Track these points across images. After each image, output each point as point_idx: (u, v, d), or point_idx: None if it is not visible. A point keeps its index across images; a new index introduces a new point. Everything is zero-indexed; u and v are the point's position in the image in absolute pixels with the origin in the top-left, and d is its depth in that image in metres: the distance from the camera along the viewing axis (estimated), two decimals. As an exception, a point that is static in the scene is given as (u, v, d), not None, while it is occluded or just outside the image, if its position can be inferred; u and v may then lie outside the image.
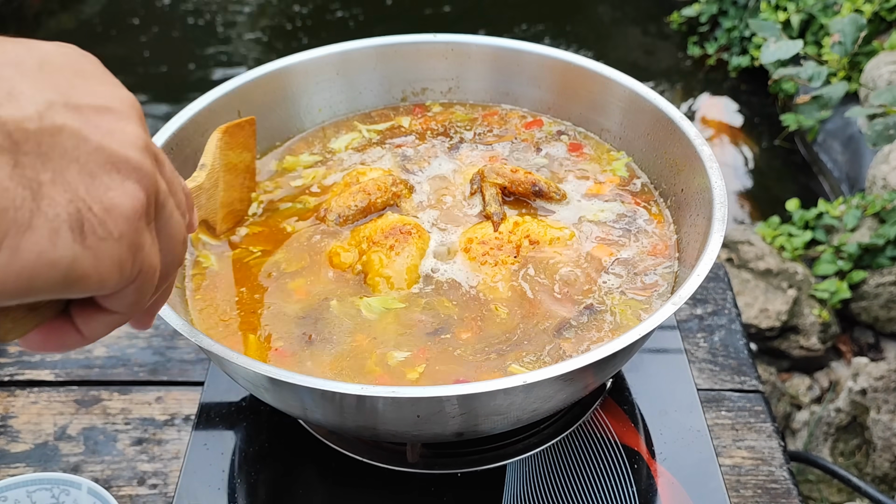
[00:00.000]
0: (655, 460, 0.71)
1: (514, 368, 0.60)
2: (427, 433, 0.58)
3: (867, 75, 2.12)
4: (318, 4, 3.39)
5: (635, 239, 0.70)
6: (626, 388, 0.77)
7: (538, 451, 0.71)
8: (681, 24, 3.19)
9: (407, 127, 0.84)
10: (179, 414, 0.82)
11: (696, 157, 0.69)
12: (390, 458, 0.69)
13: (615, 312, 0.64)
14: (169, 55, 3.12)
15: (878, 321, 1.78)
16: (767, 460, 0.77)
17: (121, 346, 0.89)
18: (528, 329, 0.63)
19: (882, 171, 1.89)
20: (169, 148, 0.72)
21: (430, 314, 0.64)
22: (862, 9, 2.34)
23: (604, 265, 0.68)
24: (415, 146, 0.82)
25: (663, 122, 0.74)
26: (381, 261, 0.66)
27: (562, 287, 0.66)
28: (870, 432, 1.44)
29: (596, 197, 0.75)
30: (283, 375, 0.52)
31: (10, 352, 0.88)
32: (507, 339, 0.62)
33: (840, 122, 2.34)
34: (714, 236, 0.61)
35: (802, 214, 1.99)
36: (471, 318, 0.64)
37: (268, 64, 0.80)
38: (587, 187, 0.76)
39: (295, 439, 0.73)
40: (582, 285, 0.66)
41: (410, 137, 0.83)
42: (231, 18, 3.37)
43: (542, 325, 0.63)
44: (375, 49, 0.83)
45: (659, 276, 0.67)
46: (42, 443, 0.80)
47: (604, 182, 0.76)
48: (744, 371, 0.85)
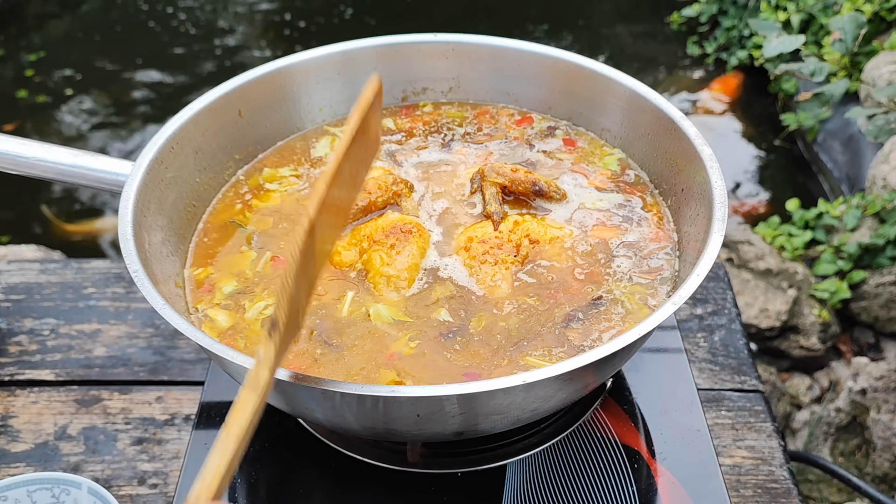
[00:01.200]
0: (655, 460, 0.71)
1: (530, 361, 0.60)
2: (427, 432, 0.58)
3: (867, 75, 2.12)
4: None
5: (637, 225, 0.71)
6: (626, 388, 0.77)
7: (538, 451, 0.71)
8: (681, 23, 3.19)
9: (394, 128, 0.84)
10: (180, 413, 0.82)
11: (696, 157, 0.69)
12: (390, 457, 0.69)
13: (621, 300, 0.64)
14: (167, 58, 3.11)
15: (878, 321, 1.78)
16: (767, 460, 0.77)
17: (121, 346, 0.89)
18: (533, 325, 0.63)
19: (882, 171, 1.89)
20: (170, 147, 0.72)
21: (433, 315, 0.64)
22: (862, 8, 2.34)
23: (608, 249, 0.68)
24: (411, 147, 0.82)
25: (663, 122, 0.74)
26: (382, 259, 0.66)
27: (563, 282, 0.66)
28: (870, 432, 1.43)
29: (592, 189, 0.75)
30: (282, 375, 0.52)
31: (11, 351, 0.88)
32: (513, 337, 0.62)
33: (840, 122, 2.33)
34: (714, 236, 0.61)
35: (802, 214, 1.99)
36: (473, 317, 0.64)
37: (268, 63, 0.80)
38: (582, 181, 0.76)
39: (295, 439, 0.73)
40: (584, 279, 0.66)
41: (398, 136, 0.83)
42: (232, 20, 3.37)
43: (547, 321, 0.63)
44: (376, 49, 0.83)
45: (662, 261, 0.67)
46: (42, 442, 0.80)
47: (598, 175, 0.77)
48: (744, 371, 0.85)
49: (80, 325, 0.91)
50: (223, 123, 0.77)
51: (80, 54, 3.12)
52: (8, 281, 0.97)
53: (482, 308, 0.65)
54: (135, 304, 0.93)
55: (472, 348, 0.61)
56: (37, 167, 0.70)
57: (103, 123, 2.77)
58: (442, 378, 0.59)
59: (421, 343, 0.62)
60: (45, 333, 0.90)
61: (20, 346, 0.89)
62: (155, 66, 3.04)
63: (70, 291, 0.95)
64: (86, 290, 0.95)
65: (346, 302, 0.65)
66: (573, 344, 0.62)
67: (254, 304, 0.66)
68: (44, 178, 0.70)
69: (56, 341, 0.90)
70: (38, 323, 0.92)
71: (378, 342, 0.62)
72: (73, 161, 0.70)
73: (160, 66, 3.04)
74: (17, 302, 0.94)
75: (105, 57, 3.09)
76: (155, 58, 3.09)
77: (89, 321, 0.92)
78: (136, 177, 0.68)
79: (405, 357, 0.61)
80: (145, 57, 3.09)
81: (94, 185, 0.70)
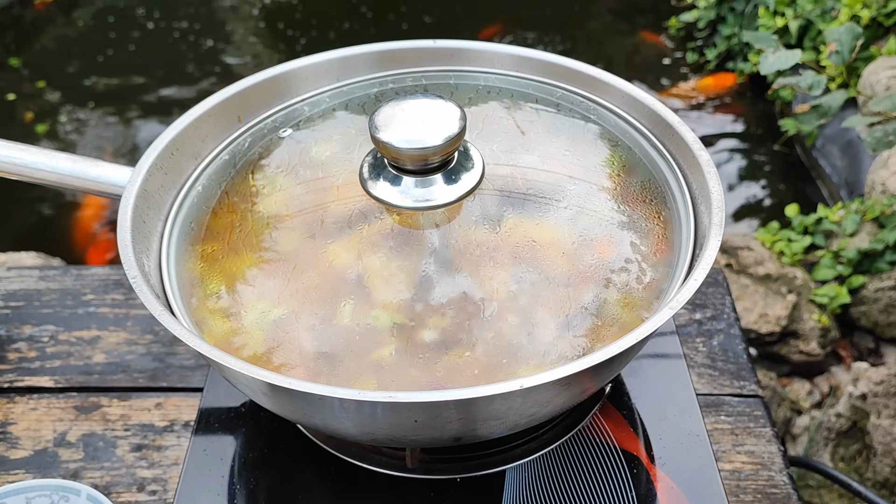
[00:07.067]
0: (655, 465, 0.71)
1: (524, 371, 0.60)
2: (425, 438, 0.58)
3: (865, 80, 2.12)
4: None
5: (636, 236, 0.70)
6: (625, 393, 0.78)
7: (537, 456, 0.71)
8: (679, 29, 3.20)
9: None
10: (179, 420, 0.82)
11: (694, 161, 0.69)
12: (389, 463, 0.69)
13: (617, 311, 0.64)
14: (168, 65, 3.13)
15: (877, 326, 1.78)
16: (767, 465, 0.77)
17: (120, 353, 0.89)
18: (531, 330, 0.63)
19: (881, 177, 1.89)
20: (169, 153, 0.72)
21: (432, 321, 0.64)
22: (860, 14, 2.35)
23: (604, 263, 0.68)
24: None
25: (661, 127, 0.74)
26: (379, 261, 0.66)
27: (560, 288, 0.66)
28: (870, 437, 1.43)
29: (591, 193, 0.75)
30: (281, 381, 0.53)
31: (10, 358, 0.88)
32: (511, 343, 0.62)
33: (838, 128, 2.34)
34: (712, 240, 0.61)
35: (801, 219, 1.99)
36: (472, 321, 0.64)
37: (267, 70, 0.80)
38: (584, 186, 0.76)
39: (294, 445, 0.73)
40: (581, 285, 0.66)
41: None
42: (236, 26, 3.38)
43: (545, 325, 0.63)
44: (375, 55, 0.84)
45: (659, 276, 0.67)
46: (41, 449, 0.80)
47: (601, 180, 0.76)
48: (743, 376, 0.85)
49: (80, 331, 0.91)
50: (222, 129, 0.77)
51: (76, 63, 3.13)
52: (7, 288, 0.97)
53: (483, 311, 0.64)
54: (134, 310, 0.94)
55: (473, 355, 0.61)
56: (36, 172, 0.70)
57: (100, 130, 2.78)
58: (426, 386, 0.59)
59: (420, 350, 0.62)
60: (44, 340, 0.90)
61: (19, 352, 0.89)
62: (154, 76, 3.05)
63: (70, 298, 0.95)
64: (85, 296, 0.95)
65: (344, 307, 0.65)
66: (570, 349, 0.62)
67: (253, 310, 0.66)
68: (43, 183, 0.71)
69: (55, 348, 0.90)
70: (37, 330, 0.92)
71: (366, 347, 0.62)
72: (72, 167, 0.70)
73: (160, 76, 3.05)
74: (17, 309, 0.94)
75: (103, 64, 3.10)
76: (155, 68, 3.10)
77: (89, 328, 0.92)
78: (135, 182, 0.68)
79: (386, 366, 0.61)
80: (149, 67, 3.10)
81: (94, 190, 0.70)
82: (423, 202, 0.67)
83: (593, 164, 0.78)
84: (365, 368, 0.61)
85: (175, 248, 0.70)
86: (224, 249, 0.72)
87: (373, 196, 0.68)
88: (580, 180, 0.77)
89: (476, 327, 0.63)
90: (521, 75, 0.83)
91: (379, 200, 0.68)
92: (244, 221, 0.75)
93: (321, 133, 0.80)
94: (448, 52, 0.85)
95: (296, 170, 0.79)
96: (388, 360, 0.61)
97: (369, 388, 0.59)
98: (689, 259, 0.65)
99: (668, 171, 0.73)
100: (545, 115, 0.81)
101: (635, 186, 0.75)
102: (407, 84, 0.84)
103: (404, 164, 0.67)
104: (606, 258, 0.69)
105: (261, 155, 0.78)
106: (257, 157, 0.78)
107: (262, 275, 0.69)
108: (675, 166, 0.72)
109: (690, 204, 0.69)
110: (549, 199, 0.73)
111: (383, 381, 0.60)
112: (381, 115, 0.67)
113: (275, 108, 0.82)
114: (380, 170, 0.69)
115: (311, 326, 0.64)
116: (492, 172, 0.72)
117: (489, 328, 0.63)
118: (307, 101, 0.83)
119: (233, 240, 0.73)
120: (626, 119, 0.77)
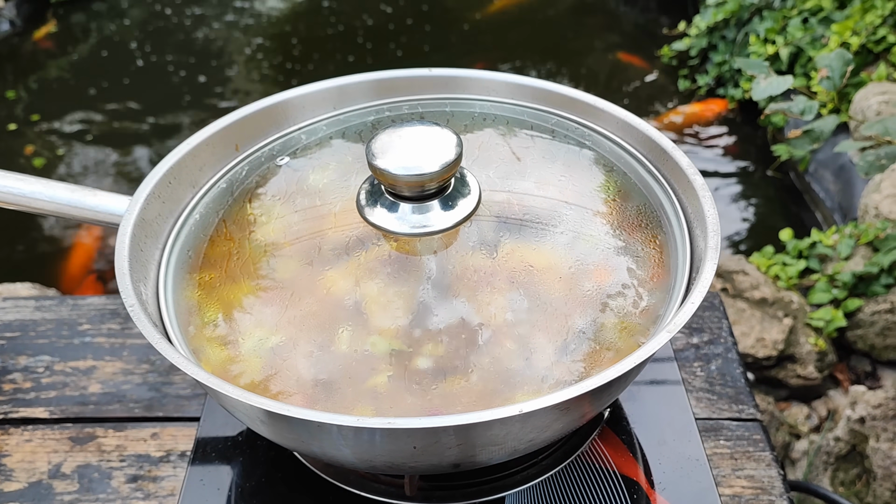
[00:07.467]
0: (654, 490, 0.71)
1: (522, 396, 0.59)
2: (424, 464, 0.58)
3: (856, 106, 2.15)
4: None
5: (632, 263, 0.70)
6: (623, 418, 0.77)
7: (537, 483, 0.70)
8: (671, 57, 3.24)
9: None
10: (175, 450, 0.82)
11: (689, 186, 0.70)
12: (388, 491, 0.69)
13: (614, 336, 0.64)
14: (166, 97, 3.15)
15: (874, 349, 1.78)
16: (767, 489, 0.76)
17: (116, 383, 0.89)
18: (528, 355, 0.63)
19: (874, 200, 1.91)
20: (167, 181, 0.72)
21: (430, 347, 0.64)
22: (849, 41, 2.38)
23: (601, 288, 0.68)
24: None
25: (655, 153, 0.75)
26: (376, 287, 0.66)
27: (558, 313, 0.66)
28: (869, 461, 1.43)
29: (587, 219, 0.75)
30: (279, 408, 0.52)
31: (5, 389, 0.88)
32: (509, 368, 0.62)
33: (831, 152, 2.36)
34: (708, 264, 0.61)
35: (796, 244, 2.00)
36: (470, 346, 0.64)
37: (265, 99, 0.81)
38: (580, 211, 0.76)
39: (292, 473, 0.73)
40: (578, 310, 0.66)
41: None
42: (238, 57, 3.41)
43: (543, 350, 0.63)
44: (372, 83, 0.84)
45: (656, 301, 0.67)
46: (36, 481, 0.79)
47: (597, 205, 0.77)
48: (741, 399, 0.85)
49: (76, 361, 0.91)
50: (220, 157, 0.78)
51: (74, 97, 3.15)
52: (2, 318, 0.96)
53: (480, 337, 0.64)
54: (130, 339, 0.93)
55: (471, 381, 0.61)
56: (34, 202, 0.70)
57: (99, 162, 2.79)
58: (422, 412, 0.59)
59: (417, 378, 0.62)
60: (39, 371, 0.90)
61: (14, 383, 0.89)
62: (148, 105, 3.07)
63: (65, 328, 0.95)
64: (81, 326, 0.95)
65: (342, 333, 0.65)
66: (567, 374, 0.62)
67: (251, 338, 0.66)
68: (41, 212, 0.71)
69: (51, 378, 0.89)
70: (32, 360, 0.91)
71: (364, 374, 0.62)
72: (70, 196, 0.71)
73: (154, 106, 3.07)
74: (12, 339, 0.94)
75: (104, 94, 3.12)
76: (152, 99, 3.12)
77: (84, 358, 0.91)
78: (132, 211, 0.68)
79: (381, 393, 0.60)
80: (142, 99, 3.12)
81: (91, 219, 0.70)
82: (420, 228, 0.67)
83: (589, 189, 0.78)
84: (363, 395, 0.61)
85: (172, 277, 0.70)
86: (221, 277, 0.72)
87: (370, 223, 0.68)
88: (576, 205, 0.77)
89: (474, 353, 0.63)
90: (517, 102, 0.84)
91: (376, 227, 0.68)
92: (242, 249, 0.75)
93: (318, 161, 0.80)
94: (444, 81, 0.85)
95: (293, 198, 0.79)
96: (386, 386, 0.61)
97: (367, 415, 0.59)
98: (686, 283, 0.65)
99: (664, 196, 0.74)
100: (540, 141, 0.81)
101: (631, 211, 0.75)
102: (403, 112, 0.85)
103: (401, 190, 0.67)
104: (603, 283, 0.69)
105: (258, 183, 0.79)
106: (255, 185, 0.79)
107: (259, 302, 0.69)
108: (670, 191, 0.73)
109: (686, 228, 0.70)
110: (545, 225, 0.73)
111: (381, 407, 0.60)
112: (378, 143, 0.67)
113: (272, 136, 0.82)
114: (377, 196, 0.69)
115: (309, 353, 0.64)
116: (488, 198, 0.73)
117: (487, 353, 0.63)
118: (304, 129, 0.83)
119: (230, 268, 0.73)
120: (621, 145, 0.78)
